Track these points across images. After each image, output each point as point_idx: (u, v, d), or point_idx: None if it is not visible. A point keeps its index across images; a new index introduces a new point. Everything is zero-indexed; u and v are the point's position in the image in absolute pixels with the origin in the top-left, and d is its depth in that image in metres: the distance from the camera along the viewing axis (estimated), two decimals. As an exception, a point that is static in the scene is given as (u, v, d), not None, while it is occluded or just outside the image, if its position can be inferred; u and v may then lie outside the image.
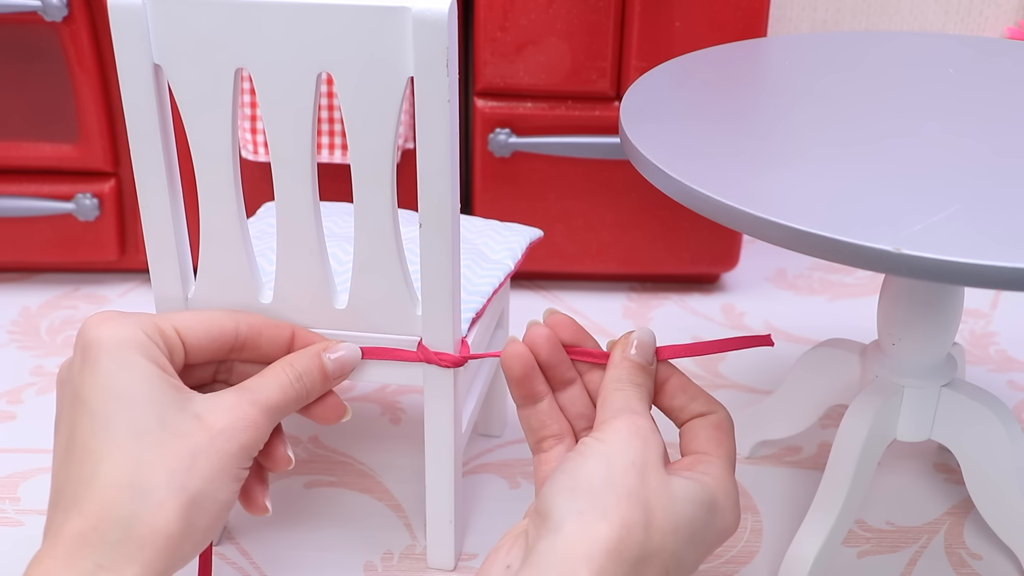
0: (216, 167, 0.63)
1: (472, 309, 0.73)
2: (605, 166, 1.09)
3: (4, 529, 0.81)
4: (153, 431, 0.55)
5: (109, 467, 0.54)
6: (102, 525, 0.52)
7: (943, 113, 0.72)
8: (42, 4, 0.99)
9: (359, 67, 0.59)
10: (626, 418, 0.56)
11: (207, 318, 0.62)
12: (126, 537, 0.53)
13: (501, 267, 0.79)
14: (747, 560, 0.80)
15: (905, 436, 0.77)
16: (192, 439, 0.56)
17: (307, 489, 0.86)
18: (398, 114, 0.61)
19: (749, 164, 0.64)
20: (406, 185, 0.69)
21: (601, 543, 0.50)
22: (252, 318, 0.64)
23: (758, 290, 1.19)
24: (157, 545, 0.53)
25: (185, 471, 0.55)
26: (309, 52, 0.59)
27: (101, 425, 0.55)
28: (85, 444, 0.55)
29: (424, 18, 0.57)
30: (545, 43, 1.02)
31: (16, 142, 1.07)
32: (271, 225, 0.79)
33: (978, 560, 0.80)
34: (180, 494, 0.54)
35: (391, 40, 0.58)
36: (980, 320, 1.13)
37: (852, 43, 0.88)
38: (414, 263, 0.70)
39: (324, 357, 0.64)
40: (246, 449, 0.58)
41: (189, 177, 0.66)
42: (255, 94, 1.01)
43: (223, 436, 0.57)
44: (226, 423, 0.57)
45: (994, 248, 0.53)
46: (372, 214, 0.64)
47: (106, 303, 1.14)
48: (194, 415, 0.57)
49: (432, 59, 0.58)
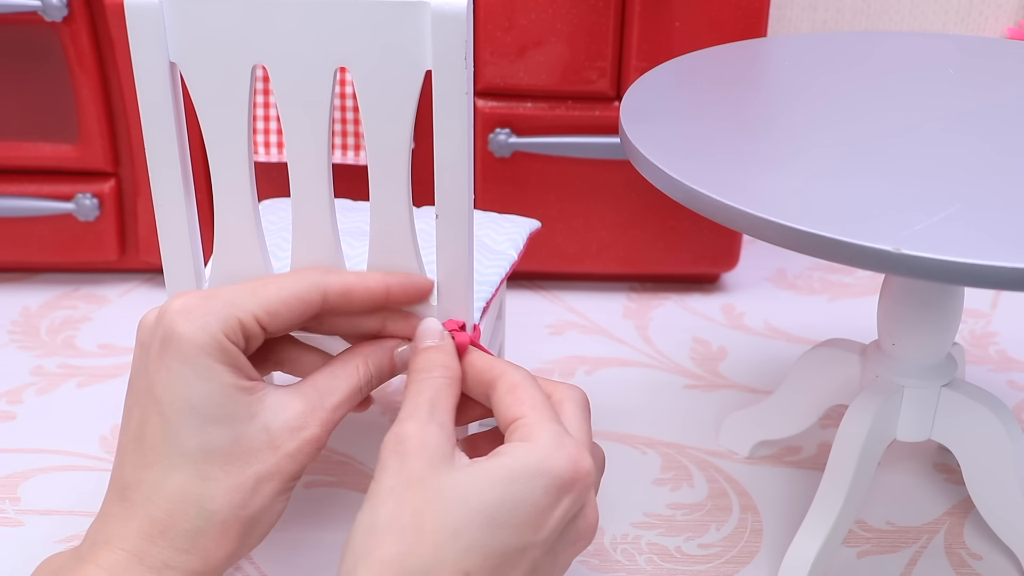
0: (232, 163, 0.64)
1: (483, 299, 0.74)
2: (605, 166, 1.09)
3: (4, 529, 0.81)
4: (222, 448, 0.56)
5: (178, 480, 0.55)
6: (169, 532, 0.55)
7: (943, 113, 0.72)
8: (42, 4, 0.99)
9: (377, 61, 0.60)
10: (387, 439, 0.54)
11: (292, 297, 0.59)
12: (192, 547, 0.55)
13: (506, 257, 0.80)
14: (747, 560, 0.80)
15: (905, 436, 0.77)
16: (259, 462, 0.56)
17: (307, 489, 0.86)
18: (415, 107, 0.62)
19: (749, 164, 0.64)
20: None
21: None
22: (341, 283, 0.61)
23: (758, 290, 1.19)
24: (219, 556, 0.55)
25: (249, 494, 0.56)
26: (326, 47, 0.60)
27: (173, 435, 0.55)
28: (155, 447, 0.56)
29: (443, 12, 0.58)
30: (545, 43, 1.02)
31: (16, 142, 1.07)
32: (272, 223, 0.80)
33: (978, 560, 0.80)
34: (242, 514, 0.56)
35: (409, 34, 0.59)
36: (980, 320, 1.13)
37: (852, 43, 0.88)
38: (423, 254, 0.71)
39: (395, 354, 0.63)
40: (305, 465, 0.58)
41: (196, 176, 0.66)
42: (265, 93, 1.01)
43: (288, 459, 0.57)
44: (294, 447, 0.57)
45: (994, 248, 0.53)
46: (389, 207, 0.65)
47: (106, 303, 1.14)
48: (263, 427, 0.57)
49: (450, 52, 0.59)
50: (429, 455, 0.53)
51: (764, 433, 0.89)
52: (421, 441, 0.53)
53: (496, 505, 0.51)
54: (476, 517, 0.51)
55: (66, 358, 1.04)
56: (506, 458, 0.52)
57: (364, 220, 0.80)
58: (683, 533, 0.82)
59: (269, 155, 1.04)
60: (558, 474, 0.52)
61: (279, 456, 0.57)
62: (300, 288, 0.60)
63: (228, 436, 0.56)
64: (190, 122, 0.66)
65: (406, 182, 0.64)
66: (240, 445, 0.56)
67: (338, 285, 0.61)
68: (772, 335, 1.10)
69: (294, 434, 0.57)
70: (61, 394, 0.98)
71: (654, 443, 0.93)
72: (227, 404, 0.56)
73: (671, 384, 1.01)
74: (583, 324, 1.11)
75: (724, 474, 0.89)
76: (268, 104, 1.02)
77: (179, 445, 0.55)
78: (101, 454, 0.89)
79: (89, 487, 0.85)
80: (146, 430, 0.56)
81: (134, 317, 0.98)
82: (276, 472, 0.57)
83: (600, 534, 0.82)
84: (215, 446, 0.55)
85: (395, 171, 0.64)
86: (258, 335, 0.59)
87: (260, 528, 0.57)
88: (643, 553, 0.80)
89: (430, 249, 0.70)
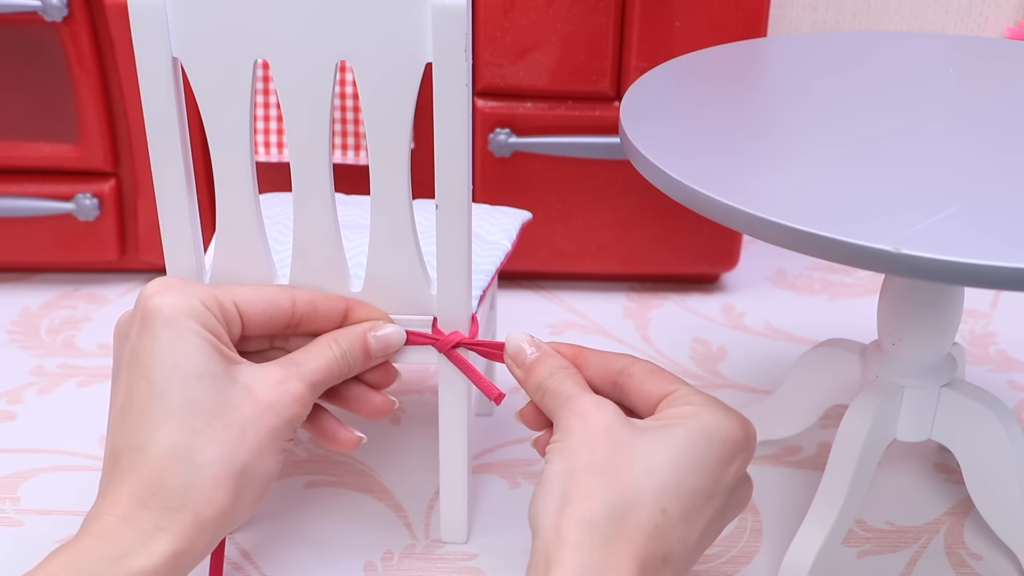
0: (233, 156, 0.65)
1: (479, 287, 0.75)
2: (605, 166, 1.09)
3: (4, 529, 0.81)
4: (207, 403, 0.58)
5: (165, 435, 0.57)
6: (160, 491, 0.56)
7: (943, 113, 0.72)
8: (42, 4, 0.99)
9: (377, 54, 0.61)
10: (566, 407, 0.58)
11: (265, 295, 0.64)
12: (182, 505, 0.56)
13: (500, 247, 0.81)
14: (747, 560, 0.80)
15: (905, 436, 0.77)
16: (242, 412, 0.59)
17: (307, 489, 0.86)
18: (415, 100, 0.63)
19: (749, 164, 0.64)
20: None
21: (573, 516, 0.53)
22: (307, 294, 0.66)
23: (758, 290, 1.19)
24: (211, 514, 0.57)
25: (235, 444, 0.58)
26: (327, 40, 0.61)
27: (158, 394, 0.58)
28: (142, 410, 0.58)
29: (443, 5, 0.59)
30: (545, 43, 1.02)
31: (16, 142, 1.07)
32: (268, 216, 0.80)
33: (978, 560, 0.80)
34: (231, 467, 0.58)
35: (410, 27, 0.60)
36: (980, 320, 1.13)
37: (852, 43, 0.88)
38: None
39: (369, 336, 0.66)
40: (291, 422, 0.61)
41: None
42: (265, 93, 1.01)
43: (271, 410, 0.60)
44: (274, 397, 0.60)
45: (994, 248, 0.53)
46: (390, 199, 0.66)
47: (106, 303, 1.14)
48: (244, 387, 0.60)
49: (450, 45, 0.60)
50: (608, 416, 0.57)
51: (764, 433, 0.89)
52: (597, 404, 0.57)
53: (684, 451, 0.55)
54: (668, 460, 0.54)
55: (66, 358, 1.04)
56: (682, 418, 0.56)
57: (358, 212, 0.81)
58: (683, 533, 0.82)
59: (269, 155, 1.04)
60: (733, 432, 0.57)
61: (261, 408, 0.59)
62: (273, 289, 0.65)
63: (211, 392, 0.58)
64: (190, 118, 0.66)
65: (406, 175, 0.65)
66: (223, 400, 0.58)
67: (305, 295, 0.66)
68: (772, 335, 1.10)
69: (273, 388, 0.60)
70: (61, 394, 0.98)
71: (654, 443, 0.93)
72: (209, 364, 0.59)
73: (671, 384, 1.01)
74: (583, 324, 1.11)
75: (724, 474, 0.89)
76: (268, 104, 1.02)
77: (165, 403, 0.57)
78: (101, 454, 0.89)
79: (89, 487, 0.85)
80: (133, 398, 0.58)
81: (134, 317, 0.99)
82: (260, 423, 0.59)
83: (600, 534, 0.82)
84: (199, 400, 0.58)
85: (396, 164, 0.65)
86: (236, 320, 0.62)
87: (251, 487, 0.59)
88: (643, 553, 0.80)
89: (427, 242, 0.71)
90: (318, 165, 0.65)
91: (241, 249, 0.68)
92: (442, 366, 0.72)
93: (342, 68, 1.00)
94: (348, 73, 1.01)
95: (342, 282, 0.69)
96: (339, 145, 1.03)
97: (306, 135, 0.64)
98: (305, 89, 0.62)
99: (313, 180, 0.65)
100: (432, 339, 0.70)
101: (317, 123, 0.63)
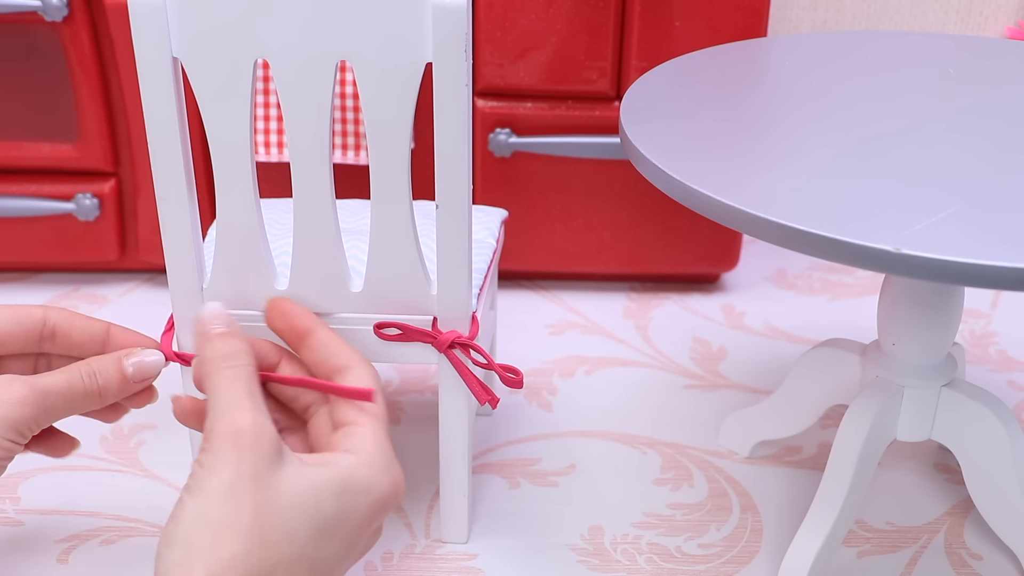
0: (234, 156, 0.65)
1: (475, 286, 0.75)
2: (605, 166, 1.09)
3: (4, 529, 0.81)
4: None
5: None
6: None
7: (943, 112, 0.72)
8: (42, 4, 0.99)
9: (378, 53, 0.62)
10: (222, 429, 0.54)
11: (14, 308, 0.65)
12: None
13: (486, 246, 0.81)
14: (747, 560, 0.80)
15: (905, 436, 0.77)
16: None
17: (307, 489, 0.86)
18: (415, 100, 0.63)
19: (749, 164, 0.64)
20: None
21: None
22: (63, 311, 0.66)
23: (758, 290, 1.19)
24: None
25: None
26: (328, 39, 0.61)
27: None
28: None
29: (443, 4, 0.60)
30: (545, 43, 1.02)
31: (16, 142, 1.07)
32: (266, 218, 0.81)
33: (978, 560, 0.80)
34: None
35: (410, 27, 0.61)
36: (980, 320, 1.13)
37: (852, 43, 0.88)
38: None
39: (124, 362, 0.65)
40: (11, 422, 0.61)
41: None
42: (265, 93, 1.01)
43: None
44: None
45: (994, 248, 0.53)
46: (390, 199, 0.66)
47: (106, 303, 1.14)
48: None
49: (451, 44, 0.61)
50: (265, 450, 0.54)
51: (764, 433, 0.89)
52: (257, 434, 0.54)
53: (327, 517, 0.54)
54: (310, 526, 0.53)
55: (66, 358, 1.03)
56: (339, 468, 0.55)
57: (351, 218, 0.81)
58: (683, 533, 0.82)
59: (269, 155, 1.04)
60: (383, 494, 0.56)
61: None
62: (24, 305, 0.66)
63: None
64: (190, 118, 0.66)
65: (406, 175, 0.65)
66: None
67: (63, 311, 0.66)
68: (772, 335, 1.10)
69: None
70: (61, 394, 0.98)
71: (654, 443, 0.93)
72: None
73: (671, 384, 1.01)
74: (583, 324, 1.11)
75: (724, 474, 0.89)
76: (268, 104, 1.02)
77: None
78: (101, 454, 0.89)
79: (89, 487, 0.85)
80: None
81: (134, 317, 0.98)
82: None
83: (600, 534, 0.82)
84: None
85: (396, 163, 0.65)
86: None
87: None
88: (643, 553, 0.80)
89: (425, 242, 0.71)
90: (318, 165, 0.65)
91: (241, 249, 0.68)
92: (442, 366, 0.72)
93: (342, 68, 1.00)
94: (348, 73, 1.01)
95: (343, 281, 0.69)
96: (339, 145, 1.03)
97: (306, 135, 0.64)
98: (305, 89, 0.62)
99: (313, 180, 0.65)
100: (430, 337, 0.70)
101: (317, 123, 0.63)
